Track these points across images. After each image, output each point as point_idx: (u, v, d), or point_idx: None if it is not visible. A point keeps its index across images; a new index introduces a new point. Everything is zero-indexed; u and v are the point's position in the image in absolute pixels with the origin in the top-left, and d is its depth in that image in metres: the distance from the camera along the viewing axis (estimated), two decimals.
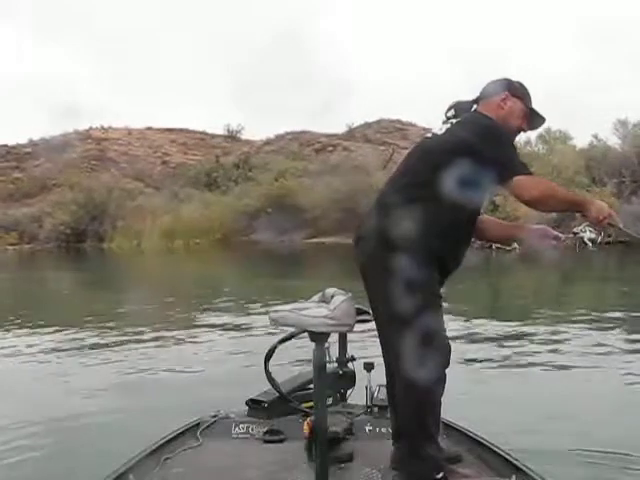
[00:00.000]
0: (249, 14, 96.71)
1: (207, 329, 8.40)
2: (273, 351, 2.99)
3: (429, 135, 2.59)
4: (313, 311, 2.38)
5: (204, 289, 13.29)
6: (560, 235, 2.71)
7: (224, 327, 8.51)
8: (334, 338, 3.15)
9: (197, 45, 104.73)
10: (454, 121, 2.51)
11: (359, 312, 2.60)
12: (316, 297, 2.56)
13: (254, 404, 3.06)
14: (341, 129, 52.44)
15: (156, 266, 24.54)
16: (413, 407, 2.34)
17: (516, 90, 2.59)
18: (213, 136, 55.65)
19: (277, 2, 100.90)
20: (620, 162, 25.59)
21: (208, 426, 2.98)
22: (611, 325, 8.04)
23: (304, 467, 2.57)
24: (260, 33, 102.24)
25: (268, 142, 51.58)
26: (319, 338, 2.32)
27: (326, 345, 2.45)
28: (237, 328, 8.40)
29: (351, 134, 50.97)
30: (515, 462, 2.54)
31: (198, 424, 3.00)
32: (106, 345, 7.31)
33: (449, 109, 2.59)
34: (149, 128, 54.75)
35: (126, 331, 8.23)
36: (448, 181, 2.30)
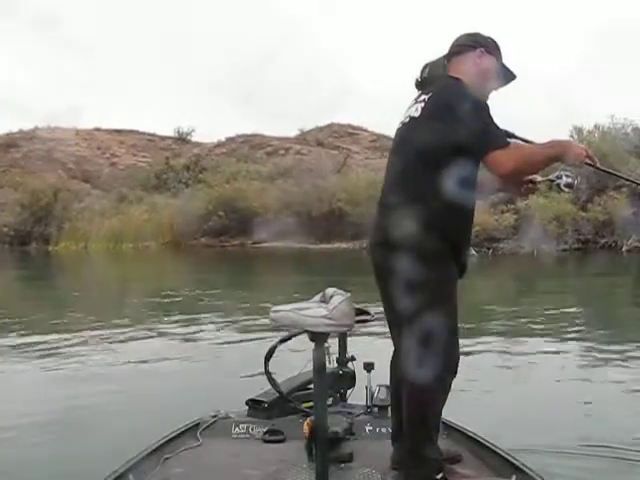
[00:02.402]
0: (203, 16, 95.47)
1: (205, 329, 8.40)
2: (273, 351, 2.99)
3: (407, 120, 2.46)
4: (312, 311, 2.36)
5: (181, 291, 13.23)
6: (538, 178, 2.65)
7: (223, 327, 8.53)
8: (335, 338, 3.18)
9: (147, 46, 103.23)
10: (426, 98, 2.38)
11: (359, 312, 2.62)
12: (317, 297, 2.56)
13: (254, 404, 3.07)
14: (293, 133, 52.50)
15: (124, 268, 24.08)
16: (417, 408, 2.34)
17: (490, 47, 2.52)
18: (163, 138, 54.78)
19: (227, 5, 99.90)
20: (576, 169, 26.18)
21: (208, 426, 2.98)
22: (603, 325, 8.28)
23: (304, 467, 2.57)
24: (211, 35, 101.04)
25: (219, 144, 51.11)
26: (318, 338, 2.32)
27: (326, 345, 2.46)
28: (236, 328, 8.42)
29: (303, 138, 50.98)
30: (515, 462, 2.54)
31: (198, 424, 2.99)
32: (103, 345, 7.28)
33: (424, 69, 2.52)
34: (97, 129, 53.62)
35: (124, 331, 8.19)
36: (449, 181, 2.28)
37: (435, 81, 2.48)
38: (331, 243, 28.21)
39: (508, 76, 2.56)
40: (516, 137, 2.45)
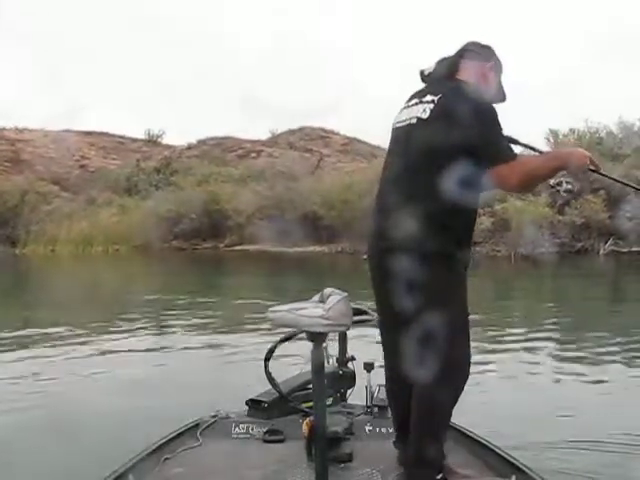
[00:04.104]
0: (181, 17, 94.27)
1: (204, 329, 8.40)
2: (273, 351, 2.99)
3: (414, 121, 2.39)
4: (309, 311, 2.34)
5: (175, 293, 13.19)
6: None
7: (222, 327, 8.55)
8: (335, 338, 3.19)
9: (117, 47, 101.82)
10: (436, 99, 2.34)
11: (357, 312, 2.62)
12: (316, 297, 2.55)
13: (254, 404, 3.06)
14: (264, 135, 52.44)
15: (104, 271, 23.80)
16: (428, 411, 2.33)
17: (499, 65, 2.54)
18: (133, 140, 54.25)
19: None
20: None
21: (208, 426, 2.97)
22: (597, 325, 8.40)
23: (304, 467, 2.57)
24: (185, 35, 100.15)
25: (190, 147, 50.80)
26: (316, 338, 2.31)
27: (325, 345, 2.46)
28: (234, 329, 8.42)
29: (274, 140, 50.94)
30: (515, 462, 2.55)
31: (198, 424, 2.98)
32: (101, 345, 7.28)
33: (439, 62, 2.49)
34: (67, 130, 52.85)
35: (121, 332, 8.18)
36: (453, 182, 2.24)
37: (440, 80, 2.46)
38: (306, 246, 28.16)
39: (501, 97, 2.57)
40: (519, 143, 2.43)
